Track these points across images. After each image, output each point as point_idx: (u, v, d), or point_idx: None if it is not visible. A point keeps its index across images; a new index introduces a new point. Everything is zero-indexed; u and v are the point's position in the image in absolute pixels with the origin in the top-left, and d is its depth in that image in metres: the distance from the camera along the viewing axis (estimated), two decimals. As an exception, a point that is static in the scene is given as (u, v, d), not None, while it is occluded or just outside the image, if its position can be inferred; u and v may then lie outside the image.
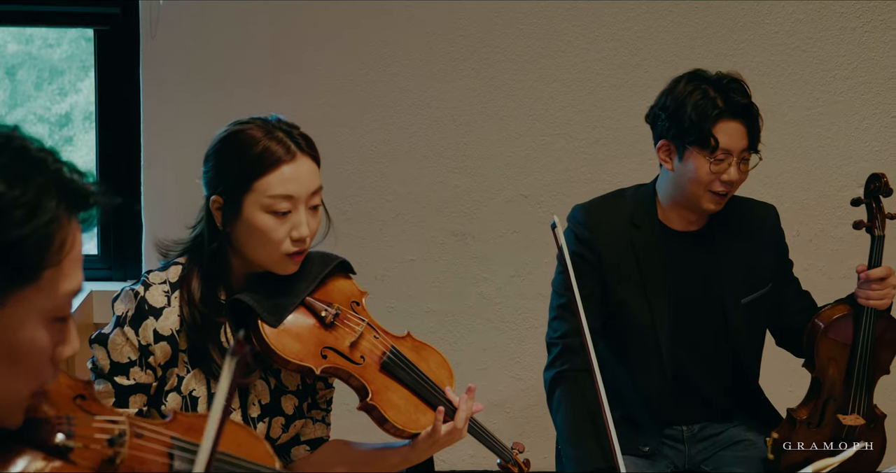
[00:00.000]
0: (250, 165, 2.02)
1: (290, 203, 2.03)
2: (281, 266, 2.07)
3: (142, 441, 1.44)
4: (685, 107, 2.60)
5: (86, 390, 1.45)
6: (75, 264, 1.27)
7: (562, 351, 2.71)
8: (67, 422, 1.37)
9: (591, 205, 2.79)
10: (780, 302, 2.79)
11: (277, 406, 2.14)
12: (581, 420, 2.63)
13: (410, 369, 2.16)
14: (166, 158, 3.72)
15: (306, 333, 2.07)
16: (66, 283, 1.25)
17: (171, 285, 2.07)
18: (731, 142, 2.58)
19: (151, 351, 2.03)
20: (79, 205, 1.26)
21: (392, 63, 3.76)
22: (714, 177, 2.59)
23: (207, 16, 3.68)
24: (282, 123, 2.08)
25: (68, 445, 1.35)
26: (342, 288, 2.18)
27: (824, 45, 3.83)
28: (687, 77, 2.66)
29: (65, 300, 1.26)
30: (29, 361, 1.25)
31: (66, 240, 1.24)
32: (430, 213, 3.82)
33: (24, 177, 1.21)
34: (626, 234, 2.71)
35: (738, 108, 2.59)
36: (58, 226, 1.22)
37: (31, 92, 3.95)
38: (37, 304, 1.23)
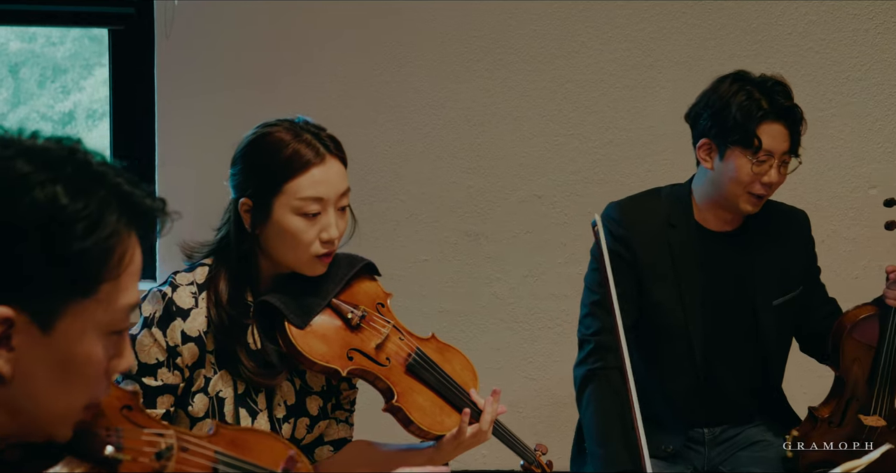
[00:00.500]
0: (280, 168, 2.04)
1: (320, 205, 2.04)
2: (310, 267, 2.08)
3: (187, 455, 1.44)
4: (730, 106, 2.61)
5: (133, 400, 1.45)
6: (133, 278, 1.27)
7: (594, 348, 2.70)
8: (116, 434, 1.37)
9: (626, 203, 2.79)
10: (807, 307, 2.80)
11: (302, 407, 2.15)
12: (610, 420, 2.64)
13: (435, 371, 2.17)
14: (181, 157, 3.73)
15: (333, 335, 2.09)
16: (123, 297, 1.25)
17: (199, 286, 2.08)
18: (774, 143, 2.59)
19: (179, 352, 2.04)
20: (138, 220, 1.26)
21: (406, 63, 3.77)
22: (755, 179, 2.60)
23: (222, 16, 3.69)
24: (309, 125, 2.10)
25: (117, 457, 1.35)
26: (368, 289, 2.19)
27: (837, 46, 3.84)
28: (731, 78, 2.67)
29: (122, 314, 1.26)
30: (84, 374, 1.25)
31: (126, 255, 1.24)
32: (444, 213, 3.83)
33: (87, 190, 1.21)
34: (662, 233, 2.72)
35: (782, 110, 2.60)
36: (118, 239, 1.23)
37: (34, 90, 3.96)
38: (94, 317, 1.23)
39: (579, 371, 2.74)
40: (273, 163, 2.04)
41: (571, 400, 3.87)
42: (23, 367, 1.21)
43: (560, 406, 3.91)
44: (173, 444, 1.41)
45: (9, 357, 1.19)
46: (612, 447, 2.61)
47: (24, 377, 1.21)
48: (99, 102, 3.97)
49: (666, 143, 3.85)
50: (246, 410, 2.08)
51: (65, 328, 1.21)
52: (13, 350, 1.19)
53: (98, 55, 3.96)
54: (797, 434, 2.69)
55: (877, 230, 3.95)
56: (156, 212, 1.28)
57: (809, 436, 2.70)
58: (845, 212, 3.85)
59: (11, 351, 1.19)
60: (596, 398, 2.67)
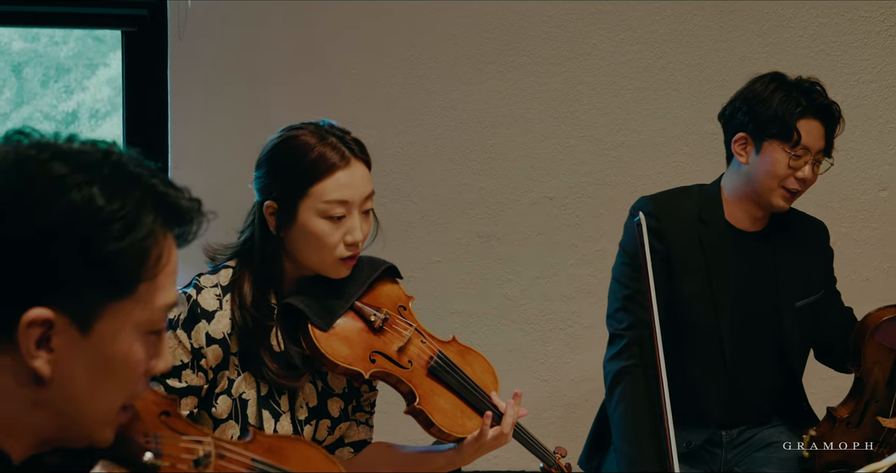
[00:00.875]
0: (306, 171, 2.05)
1: (345, 208, 2.06)
2: (334, 270, 2.10)
3: (224, 462, 1.45)
4: (769, 101, 2.65)
5: (171, 407, 1.46)
6: (170, 278, 1.28)
7: (628, 343, 2.71)
8: (155, 441, 1.38)
9: (658, 198, 2.82)
10: (823, 316, 2.82)
11: (324, 408, 2.16)
12: (640, 420, 2.65)
13: (457, 374, 2.18)
14: (194, 159, 3.74)
15: (356, 337, 2.10)
16: (161, 297, 1.26)
17: (223, 288, 2.09)
18: (811, 140, 2.63)
19: (203, 353, 2.05)
20: (175, 221, 1.27)
21: (418, 65, 3.78)
22: (790, 173, 2.63)
23: (235, 17, 3.70)
24: (334, 128, 2.11)
25: (156, 464, 1.36)
26: (390, 292, 2.20)
27: (848, 48, 3.85)
28: (768, 77, 2.71)
29: (160, 313, 1.27)
30: (123, 374, 1.25)
31: (163, 255, 1.25)
32: (456, 215, 3.84)
33: (123, 191, 1.22)
34: (694, 229, 2.74)
35: (822, 108, 2.65)
36: (154, 240, 1.24)
37: (37, 90, 3.96)
38: (132, 317, 1.24)
39: (612, 366, 2.74)
40: (298, 167, 2.05)
41: (582, 401, 3.89)
42: (62, 369, 1.21)
43: (571, 407, 3.92)
44: (211, 451, 1.42)
45: (49, 358, 1.20)
46: (641, 447, 2.63)
47: (64, 378, 1.22)
48: (102, 102, 3.98)
49: (677, 145, 3.86)
50: (269, 412, 2.09)
51: (103, 328, 1.22)
52: (53, 351, 1.20)
53: (101, 55, 3.96)
54: (814, 434, 2.71)
55: (887, 231, 3.97)
56: (192, 213, 1.28)
57: (827, 436, 2.71)
58: (856, 214, 3.86)
59: (51, 353, 1.20)
60: (627, 397, 2.68)
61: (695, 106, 3.85)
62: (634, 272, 2.72)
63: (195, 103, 3.71)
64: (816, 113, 2.65)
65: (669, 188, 2.94)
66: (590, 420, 3.08)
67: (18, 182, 1.19)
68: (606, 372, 2.76)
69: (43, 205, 1.19)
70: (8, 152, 1.22)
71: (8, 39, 3.92)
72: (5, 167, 1.20)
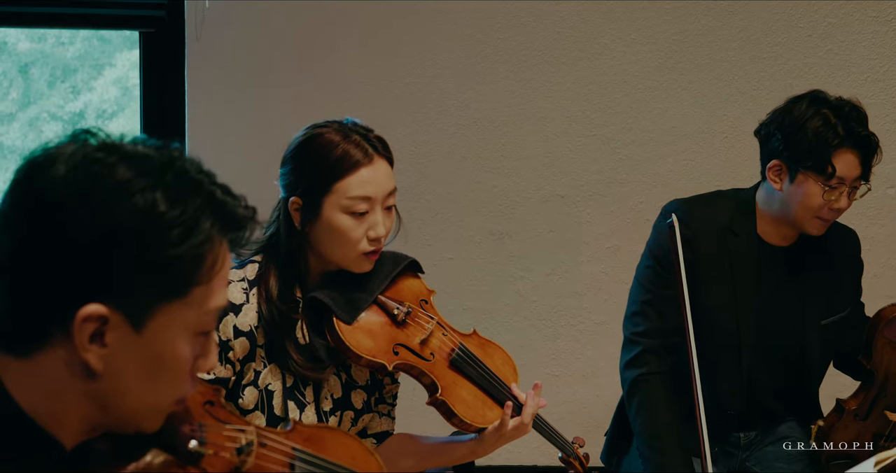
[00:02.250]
0: (330, 168, 2.08)
1: (368, 204, 2.09)
2: (357, 264, 2.14)
3: (265, 450, 1.48)
4: (805, 131, 2.56)
5: (214, 396, 1.49)
6: (223, 282, 1.31)
7: (643, 351, 2.70)
8: (200, 429, 1.41)
9: (692, 203, 2.75)
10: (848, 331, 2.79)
11: (348, 400, 2.20)
12: (662, 427, 2.66)
13: (478, 365, 2.22)
14: (211, 158, 3.71)
15: (379, 330, 2.14)
16: (213, 300, 1.29)
17: (249, 282, 2.13)
18: (847, 171, 2.56)
19: (231, 346, 2.08)
20: (231, 227, 1.30)
21: (431, 65, 3.81)
22: (825, 204, 2.57)
23: (251, 18, 3.74)
24: (358, 127, 2.15)
25: (200, 452, 1.38)
26: (412, 286, 2.24)
27: (857, 48, 3.88)
28: (808, 99, 2.61)
29: (211, 315, 1.30)
30: (171, 372, 1.29)
31: (217, 260, 1.28)
32: (469, 213, 3.87)
33: (184, 197, 1.25)
34: (724, 239, 2.69)
35: (859, 140, 2.56)
36: (210, 246, 1.27)
37: (44, 90, 3.99)
38: (185, 318, 1.27)
39: (629, 374, 2.72)
40: (323, 164, 2.09)
41: (594, 397, 3.93)
42: (114, 364, 1.24)
43: (582, 403, 3.95)
44: (253, 440, 1.45)
45: (101, 353, 1.23)
46: (667, 454, 2.63)
47: (115, 373, 1.25)
48: (109, 102, 4.00)
49: (687, 144, 3.89)
50: (294, 403, 2.13)
51: (156, 327, 1.25)
52: (106, 346, 1.23)
53: (108, 55, 3.98)
54: (822, 425, 2.72)
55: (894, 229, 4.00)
56: (247, 220, 1.32)
57: (834, 427, 2.72)
58: (864, 211, 3.85)
59: (104, 348, 1.23)
60: (646, 405, 2.68)
61: (704, 105, 3.88)
62: (658, 277, 2.69)
63: (212, 103, 3.75)
64: (853, 144, 2.55)
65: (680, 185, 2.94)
66: (601, 415, 3.11)
67: (86, 183, 1.22)
68: (623, 378, 2.76)
69: (107, 209, 1.21)
70: (76, 153, 1.24)
71: (15, 40, 3.94)
72: (73, 167, 1.23)
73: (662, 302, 2.68)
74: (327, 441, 1.61)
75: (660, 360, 2.69)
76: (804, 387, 2.82)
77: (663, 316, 2.68)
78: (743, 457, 2.83)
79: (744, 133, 3.20)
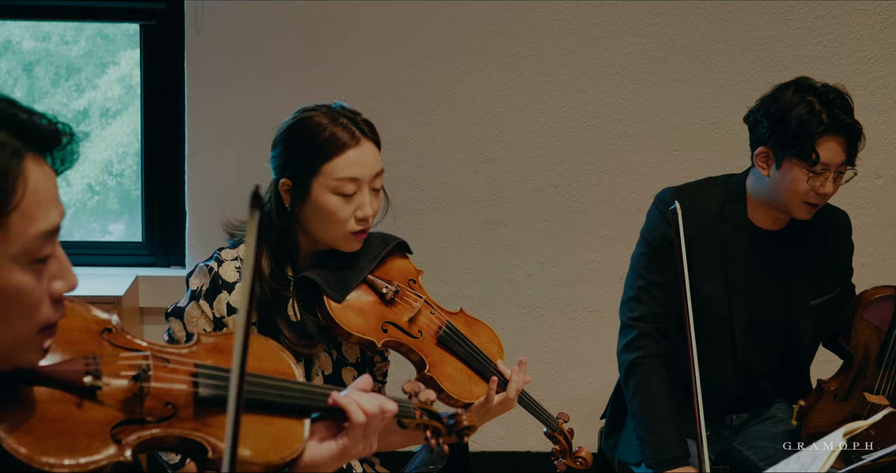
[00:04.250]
0: (318, 150, 2.13)
1: (355, 185, 2.14)
2: (346, 243, 2.19)
3: (166, 370, 1.47)
4: (790, 118, 2.59)
5: (110, 323, 1.47)
6: (39, 206, 1.25)
7: (639, 335, 2.74)
8: (95, 361, 1.40)
9: (682, 190, 2.78)
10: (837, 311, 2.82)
11: (339, 377, 2.26)
12: (658, 410, 2.70)
13: (464, 342, 2.28)
14: (210, 148, 3.82)
15: (368, 308, 2.19)
16: (33, 226, 1.24)
17: (243, 261, 2.18)
18: (831, 157, 2.58)
19: (225, 322, 2.15)
20: (40, 145, 1.26)
21: (427, 57, 3.86)
22: (810, 189, 2.60)
23: (250, 11, 3.79)
24: (345, 110, 2.20)
25: (96, 385, 1.38)
26: (400, 266, 2.30)
27: (845, 40, 3.92)
28: (794, 86, 2.65)
29: (36, 242, 1.25)
30: (18, 305, 1.26)
31: (17, 184, 1.23)
32: (463, 202, 3.92)
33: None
34: (714, 225, 2.73)
35: (843, 126, 2.59)
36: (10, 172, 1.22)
37: (47, 88, 4.00)
38: (5, 252, 1.23)
39: (625, 357, 2.77)
40: (311, 146, 2.14)
41: (587, 383, 3.98)
42: None
43: (576, 389, 3.99)
44: (150, 364, 1.44)
45: None
46: (662, 435, 2.68)
47: None
48: (113, 100, 4.02)
49: (679, 134, 3.92)
50: None
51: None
52: None
53: (112, 53, 4.00)
54: (803, 405, 2.77)
55: (883, 218, 4.04)
56: (56, 134, 1.27)
57: (814, 407, 2.76)
58: (852, 201, 3.89)
59: None
60: (642, 388, 2.73)
61: (696, 96, 3.92)
62: (652, 263, 2.74)
63: (211, 95, 3.80)
64: (837, 131, 2.58)
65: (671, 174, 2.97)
66: (595, 402, 3.15)
67: None
68: (620, 362, 2.80)
69: None
70: None
71: (19, 38, 3.95)
72: None
73: (656, 288, 2.73)
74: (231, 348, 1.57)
75: (656, 344, 2.73)
76: (795, 368, 2.86)
77: (658, 301, 2.72)
78: (733, 437, 2.88)
79: (734, 123, 3.23)
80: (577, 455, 2.45)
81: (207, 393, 1.50)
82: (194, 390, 1.49)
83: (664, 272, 2.69)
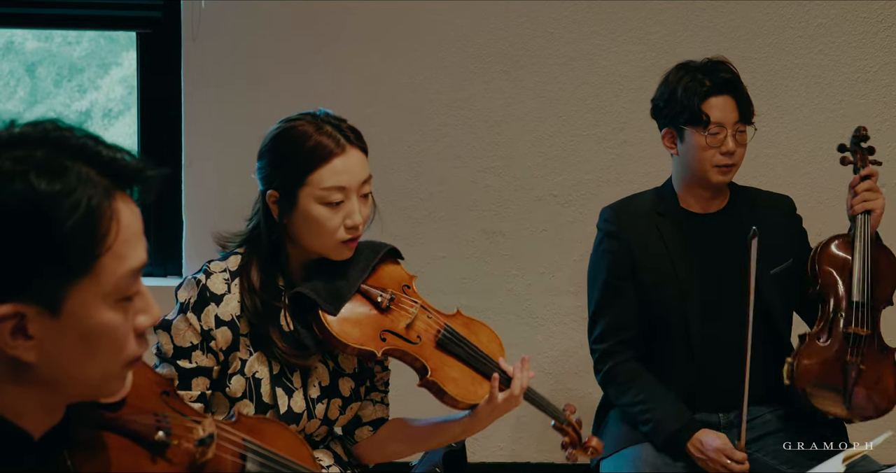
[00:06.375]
0: (303, 160, 2.11)
1: (343, 193, 2.12)
2: (336, 252, 2.17)
3: (220, 441, 1.49)
4: (676, 91, 2.77)
5: (170, 387, 1.51)
6: (129, 244, 1.26)
7: (600, 356, 2.87)
8: (164, 420, 1.42)
9: (615, 204, 2.95)
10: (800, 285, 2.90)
11: (335, 388, 2.24)
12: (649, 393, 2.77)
13: (464, 344, 2.25)
14: (207, 157, 3.81)
15: (365, 319, 2.17)
16: (123, 265, 1.25)
17: (231, 273, 2.17)
18: (722, 115, 2.74)
19: (213, 335, 2.12)
20: (126, 181, 1.26)
21: (425, 66, 3.84)
22: (714, 151, 2.73)
23: (247, 19, 3.77)
24: (330, 117, 2.18)
25: (167, 442, 1.40)
26: (393, 273, 2.28)
27: (847, 48, 3.90)
28: (676, 67, 2.83)
29: (125, 281, 1.26)
30: (106, 342, 1.27)
31: (112, 227, 1.23)
32: (462, 212, 3.90)
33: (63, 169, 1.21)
34: (652, 222, 2.85)
35: (723, 83, 2.74)
36: (100, 213, 1.22)
37: (50, 89, 4.00)
38: (98, 290, 1.24)
39: (598, 378, 2.90)
40: (296, 156, 2.12)
41: (587, 393, 3.95)
42: (46, 351, 1.24)
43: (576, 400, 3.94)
44: (214, 432, 1.46)
45: (30, 345, 1.23)
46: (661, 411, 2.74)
47: (51, 358, 1.24)
48: (115, 101, 4.02)
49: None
50: (282, 389, 2.17)
51: (73, 308, 1.23)
52: (32, 338, 1.23)
53: (114, 54, 4.00)
54: (792, 361, 2.78)
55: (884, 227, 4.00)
56: (141, 171, 1.28)
57: (800, 356, 2.78)
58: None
59: (31, 340, 1.23)
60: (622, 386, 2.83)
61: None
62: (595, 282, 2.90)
63: (208, 103, 3.78)
64: (719, 89, 2.74)
65: None
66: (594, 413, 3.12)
67: None
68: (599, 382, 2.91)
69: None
70: None
71: (22, 39, 3.96)
72: None
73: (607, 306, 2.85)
74: (266, 432, 1.64)
75: (623, 353, 2.83)
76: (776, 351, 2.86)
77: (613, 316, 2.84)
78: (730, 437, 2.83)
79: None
80: (587, 445, 2.45)
81: (254, 469, 1.53)
82: (242, 463, 1.52)
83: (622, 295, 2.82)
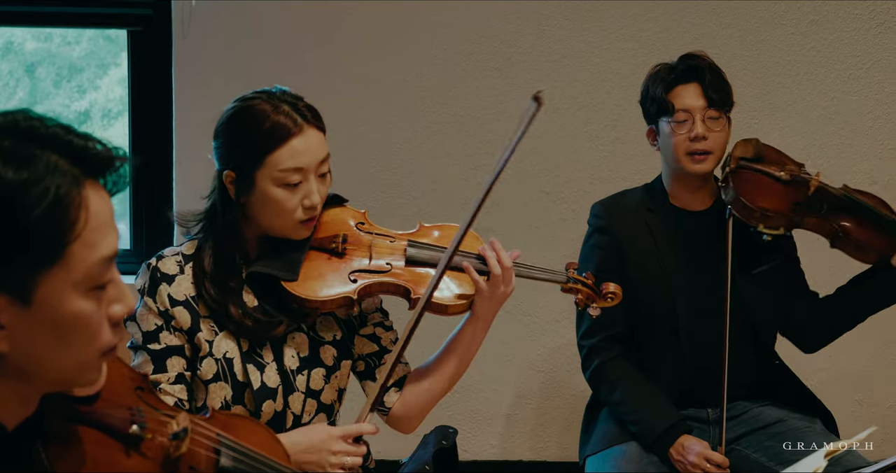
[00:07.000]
0: (260, 141, 2.08)
1: (301, 174, 2.09)
2: (295, 232, 2.15)
3: (194, 436, 1.49)
4: (646, 90, 2.84)
5: (144, 382, 1.50)
6: (99, 232, 1.25)
7: (588, 352, 2.87)
8: (139, 414, 1.42)
9: (605, 200, 2.95)
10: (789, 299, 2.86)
11: (317, 357, 2.20)
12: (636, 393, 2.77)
13: (433, 249, 2.22)
14: (198, 155, 3.78)
15: (326, 270, 2.15)
16: (93, 253, 1.24)
17: (185, 256, 2.17)
18: (688, 101, 2.76)
19: (172, 314, 2.12)
20: (96, 170, 1.26)
21: (417, 64, 3.84)
22: (683, 137, 2.74)
23: (238, 17, 3.78)
24: (287, 95, 2.14)
25: (140, 436, 1.40)
26: (337, 216, 2.24)
27: (839, 45, 3.90)
28: (654, 66, 2.86)
29: (96, 269, 1.25)
30: (79, 331, 1.26)
31: (80, 215, 1.23)
32: (454, 209, 3.87)
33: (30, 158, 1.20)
34: (642, 218, 2.86)
35: (688, 70, 2.77)
36: (68, 201, 1.22)
37: (50, 89, 4.01)
38: (69, 278, 1.23)
39: (586, 375, 2.89)
40: (253, 137, 2.08)
41: (579, 391, 3.95)
42: (18, 340, 1.23)
43: (568, 397, 3.97)
44: (188, 427, 1.45)
45: (2, 335, 1.22)
46: (647, 413, 2.74)
47: (23, 348, 1.24)
48: (114, 102, 4.02)
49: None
50: (253, 365, 2.15)
51: (44, 297, 1.22)
52: (3, 327, 1.22)
53: (113, 55, 4.01)
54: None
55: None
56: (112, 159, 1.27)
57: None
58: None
59: (2, 329, 1.22)
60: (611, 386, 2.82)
61: (688, 102, 3.89)
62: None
63: (199, 101, 3.77)
64: (685, 77, 2.77)
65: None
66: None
67: None
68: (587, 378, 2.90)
69: None
70: None
71: (21, 39, 3.96)
72: None
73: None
74: (239, 427, 1.64)
75: (611, 349, 2.83)
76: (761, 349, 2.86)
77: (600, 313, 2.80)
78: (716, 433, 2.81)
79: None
80: (605, 293, 2.33)
81: (228, 464, 1.52)
82: (216, 458, 1.52)
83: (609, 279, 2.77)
